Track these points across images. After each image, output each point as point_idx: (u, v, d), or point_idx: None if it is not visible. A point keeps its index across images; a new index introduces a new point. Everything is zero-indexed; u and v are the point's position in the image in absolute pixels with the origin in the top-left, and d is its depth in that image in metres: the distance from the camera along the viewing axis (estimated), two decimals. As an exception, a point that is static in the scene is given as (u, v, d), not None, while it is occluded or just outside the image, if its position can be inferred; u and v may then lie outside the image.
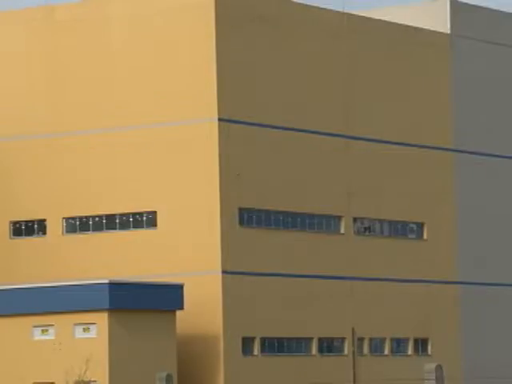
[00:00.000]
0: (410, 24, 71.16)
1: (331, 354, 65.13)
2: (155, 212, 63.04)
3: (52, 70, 65.62)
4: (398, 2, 73.94)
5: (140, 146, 63.24)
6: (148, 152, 63.16)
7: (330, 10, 69.61)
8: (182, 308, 59.07)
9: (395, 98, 69.74)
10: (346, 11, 69.37)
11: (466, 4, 74.44)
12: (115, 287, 57.36)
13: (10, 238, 65.57)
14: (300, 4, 67.90)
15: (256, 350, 62.64)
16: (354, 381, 60.22)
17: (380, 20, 70.42)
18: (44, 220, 65.08)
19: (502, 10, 78.09)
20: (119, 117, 63.77)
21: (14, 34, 67.28)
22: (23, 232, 65.64)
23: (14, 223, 65.67)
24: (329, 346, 65.48)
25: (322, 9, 69.03)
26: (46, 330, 57.88)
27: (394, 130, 69.64)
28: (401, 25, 70.56)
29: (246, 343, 62.34)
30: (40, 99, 65.53)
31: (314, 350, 64.80)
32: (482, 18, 75.69)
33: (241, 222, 62.89)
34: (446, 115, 71.29)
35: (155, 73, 63.60)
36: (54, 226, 64.84)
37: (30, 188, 65.02)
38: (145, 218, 63.51)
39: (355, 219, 68.19)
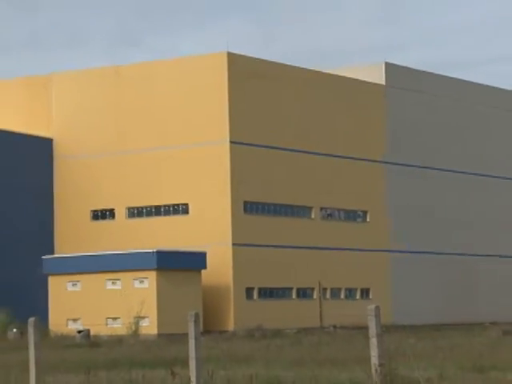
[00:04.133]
0: (356, 78, 72.06)
1: (305, 298, 66.33)
2: (187, 204, 64.49)
3: (118, 109, 66.32)
4: (347, 63, 73.76)
5: (177, 160, 64.38)
6: (183, 164, 64.25)
7: (303, 68, 69.74)
8: (205, 268, 60.48)
9: (346, 128, 69.86)
10: (313, 69, 70.03)
11: (396, 65, 75.49)
12: (160, 254, 58.86)
13: (90, 221, 66.99)
14: (282, 64, 67.89)
15: (255, 296, 64.49)
16: (320, 317, 62.10)
17: (335, 75, 70.71)
18: (113, 209, 66.81)
19: (423, 69, 78.87)
20: (163, 140, 64.84)
21: (92, 86, 67.56)
22: (99, 217, 67.25)
23: (93, 211, 67.12)
24: (303, 293, 66.56)
25: (296, 67, 68.98)
26: (115, 282, 59.09)
27: (347, 150, 69.88)
28: (349, 78, 71.30)
29: (248, 292, 64.18)
30: (111, 129, 66.47)
31: (294, 295, 66.36)
32: (408, 74, 76.05)
33: (245, 211, 64.54)
34: (383, 141, 72.21)
35: (188, 110, 64.23)
36: (120, 213, 66.64)
37: (105, 188, 66.24)
38: (181, 208, 64.78)
39: (321, 208, 69.28)
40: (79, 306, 58.09)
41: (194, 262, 60.47)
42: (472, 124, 78.75)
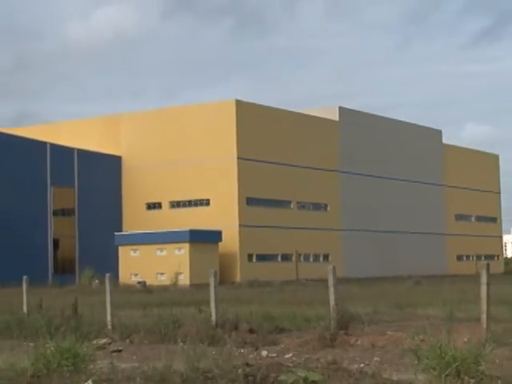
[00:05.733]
0: (320, 116, 70.50)
1: (286, 261, 64.94)
2: (209, 199, 63.44)
3: (163, 137, 65.04)
4: (314, 106, 72.01)
5: (202, 170, 63.29)
6: (206, 173, 63.14)
7: (285, 110, 67.98)
8: (221, 241, 59.45)
9: (313, 148, 68.33)
10: (291, 110, 68.41)
11: (345, 107, 74.03)
12: (191, 232, 57.65)
13: (145, 211, 65.88)
14: (272, 107, 66.71)
15: (254, 259, 63.13)
16: (296, 273, 61.71)
17: (306, 114, 69.07)
18: (160, 202, 65.61)
19: (365, 110, 77.59)
20: (192, 157, 63.74)
21: (146, 122, 66.55)
22: (151, 208, 65.95)
23: (147, 204, 66.05)
24: (285, 257, 65.27)
25: (281, 109, 67.49)
26: (162, 250, 57.71)
27: (314, 163, 68.68)
28: (315, 116, 69.55)
29: (249, 257, 62.89)
30: (159, 149, 65.21)
31: (279, 259, 65.15)
32: (354, 113, 74.40)
33: (247, 204, 63.15)
34: (337, 156, 71.64)
35: (208, 138, 63.18)
36: (165, 205, 65.41)
37: (155, 188, 65.16)
38: (205, 202, 63.63)
39: (297, 202, 67.89)
40: (138, 266, 57.41)
41: (214, 237, 59.36)
42: (397, 145, 77.83)
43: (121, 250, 59.20)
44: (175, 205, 65.14)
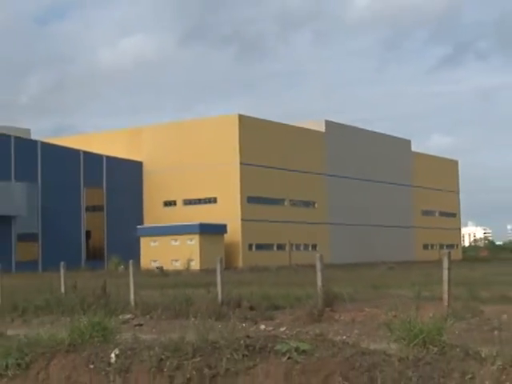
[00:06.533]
0: (310, 128, 70.02)
1: (281, 250, 64.05)
2: (216, 197, 62.90)
3: (177, 145, 64.55)
4: (304, 120, 70.72)
5: (210, 173, 62.62)
6: (213, 176, 62.52)
7: (280, 123, 67.06)
8: (226, 233, 58.88)
9: (303, 155, 68.02)
10: (284, 123, 67.50)
11: (330, 121, 73.18)
12: (201, 225, 57.03)
13: (163, 207, 65.06)
14: (268, 120, 66.21)
15: (253, 248, 62.70)
16: (290, 259, 61.22)
17: (298, 126, 68.35)
18: (175, 200, 64.99)
19: (348, 123, 77.15)
20: (202, 162, 63.02)
21: (164, 133, 65.67)
22: (167, 205, 65.14)
23: (164, 201, 65.33)
24: (280, 246, 64.36)
25: (276, 122, 66.77)
26: (176, 240, 57.05)
27: (305, 167, 68.36)
28: (305, 128, 69.05)
29: (250, 246, 62.44)
30: (174, 156, 64.50)
31: (275, 248, 64.62)
32: (338, 126, 73.10)
33: (248, 201, 62.60)
34: (324, 162, 71.40)
35: (216, 146, 62.51)
36: (179, 203, 64.77)
37: (170, 188, 64.53)
38: (212, 200, 63.06)
39: (290, 200, 67.21)
40: (157, 253, 56.73)
41: (220, 229, 58.60)
42: (374, 153, 77.14)
43: (142, 240, 58.68)
44: (187, 202, 64.58)
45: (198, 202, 63.92)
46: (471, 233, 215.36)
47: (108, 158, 63.48)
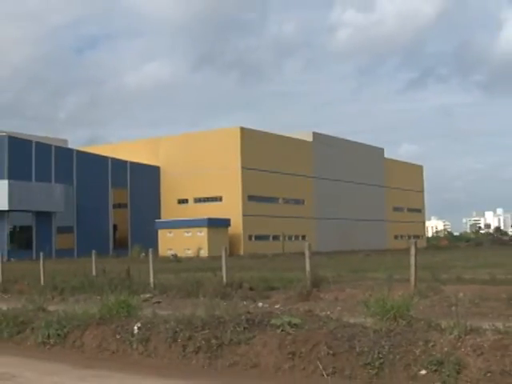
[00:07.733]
0: (301, 139, 68.66)
1: (276, 240, 62.51)
2: (222, 196, 61.98)
3: (187, 153, 63.29)
4: (294, 131, 69.58)
5: (216, 177, 61.54)
6: (219, 178, 61.45)
7: (274, 133, 65.72)
8: (230, 226, 58.22)
9: (294, 160, 66.64)
10: (278, 133, 66.33)
11: (317, 132, 71.70)
12: (209, 220, 56.38)
13: (177, 204, 63.85)
14: (266, 131, 65.13)
15: (253, 239, 61.71)
16: (283, 248, 59.13)
17: (289, 136, 67.11)
18: (187, 199, 63.93)
19: (332, 134, 74.57)
20: (209, 167, 61.84)
21: (177, 143, 64.33)
22: (181, 202, 63.91)
23: (178, 200, 64.16)
24: (275, 237, 62.93)
25: (272, 133, 65.79)
26: (189, 232, 56.25)
27: (296, 170, 67.10)
28: (297, 138, 67.96)
29: (250, 237, 61.51)
30: (185, 161, 61.97)
31: (271, 239, 63.26)
32: (324, 136, 71.86)
33: (248, 199, 61.68)
34: (312, 166, 70.85)
35: (221, 153, 61.42)
36: (190, 201, 63.73)
37: (183, 188, 63.28)
38: (218, 198, 61.98)
39: (283, 198, 66.10)
40: (172, 243, 55.74)
41: (225, 223, 57.68)
42: (353, 159, 76.18)
43: (159, 232, 57.90)
44: (197, 200, 63.81)
45: (207, 200, 63.16)
46: (434, 225, 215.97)
47: (131, 163, 63.00)
